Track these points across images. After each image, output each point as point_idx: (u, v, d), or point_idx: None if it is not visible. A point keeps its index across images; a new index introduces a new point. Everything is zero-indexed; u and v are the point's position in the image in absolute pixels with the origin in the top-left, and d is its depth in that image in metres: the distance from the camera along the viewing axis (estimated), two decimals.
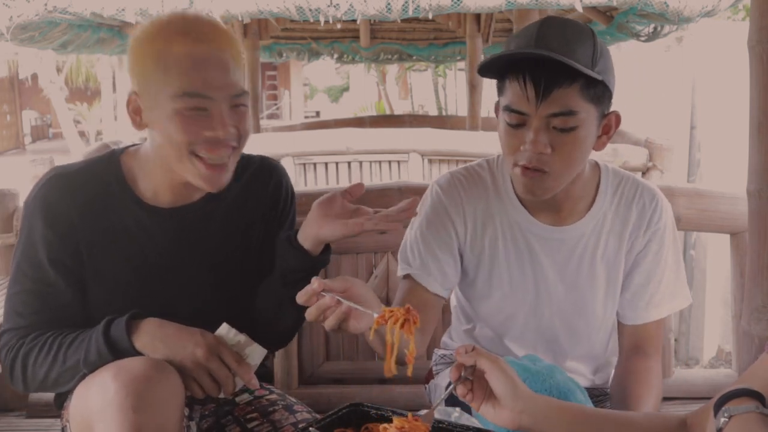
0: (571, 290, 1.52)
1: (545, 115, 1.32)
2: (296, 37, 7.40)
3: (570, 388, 1.25)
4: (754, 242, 1.83)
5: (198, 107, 1.26)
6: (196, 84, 1.25)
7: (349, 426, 1.21)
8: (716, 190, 2.29)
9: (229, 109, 1.29)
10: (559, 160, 1.35)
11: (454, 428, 1.17)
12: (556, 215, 1.49)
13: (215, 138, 1.27)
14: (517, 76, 1.33)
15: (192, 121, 1.26)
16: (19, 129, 22.23)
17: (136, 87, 1.31)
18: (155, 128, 1.31)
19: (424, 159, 5.02)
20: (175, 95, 1.25)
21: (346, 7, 3.32)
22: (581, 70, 1.28)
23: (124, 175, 1.40)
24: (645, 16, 3.89)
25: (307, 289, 1.20)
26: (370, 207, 2.22)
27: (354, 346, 2.21)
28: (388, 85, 19.04)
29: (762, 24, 1.75)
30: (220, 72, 1.27)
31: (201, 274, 1.44)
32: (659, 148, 4.09)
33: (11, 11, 3.44)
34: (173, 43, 1.25)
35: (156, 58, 1.26)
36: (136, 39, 1.30)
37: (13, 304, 1.36)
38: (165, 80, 1.25)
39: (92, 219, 1.37)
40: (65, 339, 1.32)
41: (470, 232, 1.52)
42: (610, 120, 1.41)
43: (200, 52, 1.26)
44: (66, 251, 1.36)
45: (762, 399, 1.01)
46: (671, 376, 2.30)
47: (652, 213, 1.50)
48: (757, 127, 1.78)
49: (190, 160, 1.29)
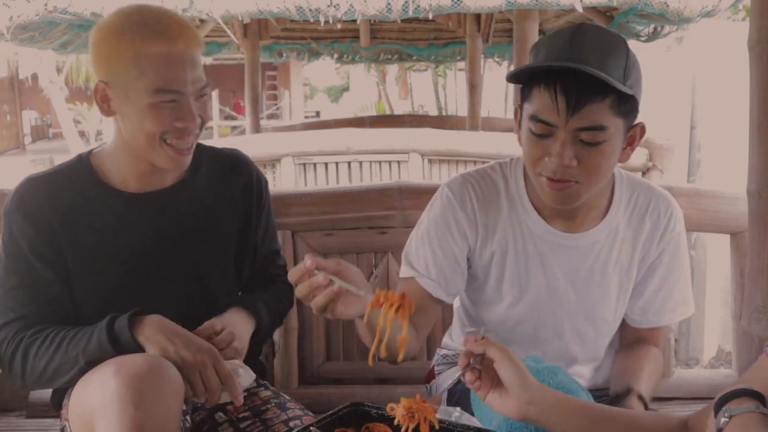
0: (582, 297, 1.50)
1: (574, 129, 1.29)
2: (296, 37, 7.40)
3: (573, 389, 1.25)
4: (754, 242, 1.83)
5: (170, 100, 1.37)
6: (169, 81, 1.36)
7: (349, 426, 1.21)
8: (716, 190, 2.29)
9: (195, 100, 1.41)
10: (585, 174, 1.33)
11: (455, 428, 1.17)
12: (570, 222, 1.47)
13: (184, 127, 1.40)
14: (548, 86, 1.29)
15: (164, 113, 1.38)
16: (19, 129, 22.23)
17: (106, 77, 1.39)
18: (126, 117, 1.41)
19: (424, 159, 5.02)
20: (150, 90, 1.35)
21: (346, 7, 3.32)
22: (616, 86, 1.25)
23: (96, 171, 1.49)
24: (645, 16, 3.89)
25: (299, 266, 1.20)
26: (370, 207, 2.23)
27: (354, 346, 2.21)
28: (388, 85, 19.03)
29: (762, 24, 1.75)
30: (189, 69, 1.39)
31: (180, 259, 1.51)
32: (659, 148, 4.10)
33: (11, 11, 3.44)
34: (149, 43, 1.35)
35: (132, 55, 1.35)
36: (108, 32, 1.38)
37: (6, 301, 1.41)
38: (140, 76, 1.35)
39: (71, 217, 1.44)
40: (68, 333, 1.35)
41: (480, 238, 1.50)
42: (635, 132, 1.38)
43: (173, 52, 1.37)
44: (48, 247, 1.42)
45: (762, 399, 1.01)
46: (671, 376, 2.29)
47: (667, 222, 1.49)
48: (757, 127, 1.78)
49: (160, 147, 1.40)
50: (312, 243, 2.15)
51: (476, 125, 6.38)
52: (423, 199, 2.20)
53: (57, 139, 20.94)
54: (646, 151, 4.11)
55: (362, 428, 1.21)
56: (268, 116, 19.71)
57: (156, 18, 1.39)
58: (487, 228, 1.49)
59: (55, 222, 1.43)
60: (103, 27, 1.40)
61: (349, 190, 2.32)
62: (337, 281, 1.19)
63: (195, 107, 1.40)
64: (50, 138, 23.52)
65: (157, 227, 1.49)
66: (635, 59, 1.34)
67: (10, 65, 18.38)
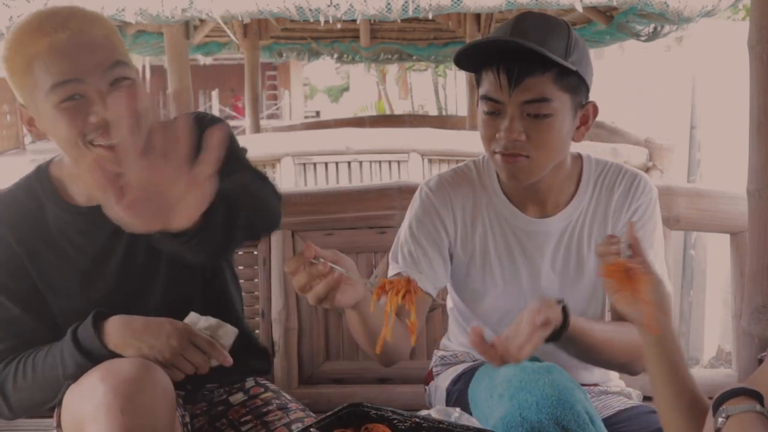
0: (563, 281, 1.53)
1: (519, 103, 1.37)
2: (296, 37, 7.39)
3: (568, 387, 1.25)
4: (754, 242, 1.82)
5: (73, 94, 1.22)
6: (61, 72, 1.21)
7: (348, 426, 1.21)
8: (716, 190, 2.29)
9: (109, 88, 1.24)
10: (535, 147, 1.39)
11: (454, 428, 1.17)
12: (541, 207, 1.52)
13: (102, 120, 1.21)
14: (492, 67, 1.38)
15: (72, 111, 1.22)
16: (19, 129, 22.19)
17: (21, 99, 1.29)
18: (50, 132, 1.29)
19: (424, 159, 5.01)
20: (48, 91, 1.22)
21: (346, 7, 3.32)
22: (553, 59, 1.31)
23: (54, 186, 1.39)
24: (645, 16, 3.89)
25: (297, 255, 1.19)
26: (370, 207, 2.23)
27: (354, 346, 2.21)
28: (388, 85, 19.03)
29: (762, 24, 1.75)
30: (88, 53, 1.23)
31: (153, 262, 1.42)
32: (659, 148, 4.09)
33: (11, 11, 3.44)
34: (31, 42, 1.22)
35: (22, 63, 1.23)
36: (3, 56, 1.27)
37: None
38: (35, 81, 1.23)
39: (30, 236, 1.37)
40: (37, 358, 1.30)
41: (460, 231, 1.54)
42: (588, 110, 1.45)
43: (58, 41, 1.22)
44: (11, 275, 1.35)
45: (760, 398, 1.01)
46: None
47: (635, 191, 1.51)
48: (757, 127, 1.77)
49: (88, 150, 1.24)
50: (312, 243, 2.15)
51: (476, 125, 6.37)
52: None
53: None
54: (646, 151, 4.11)
55: (361, 429, 1.21)
56: (268, 116, 19.72)
57: (36, 17, 1.26)
58: (466, 223, 1.54)
59: (12, 241, 1.35)
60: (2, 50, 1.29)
61: (349, 190, 2.33)
62: (337, 268, 1.19)
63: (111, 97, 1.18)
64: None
65: (120, 238, 1.39)
66: (580, 40, 1.41)
67: None
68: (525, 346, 1.22)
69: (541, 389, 1.23)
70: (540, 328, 1.24)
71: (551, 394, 1.23)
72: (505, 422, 1.23)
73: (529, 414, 1.22)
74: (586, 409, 1.24)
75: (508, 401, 1.25)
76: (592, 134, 3.58)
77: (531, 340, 1.23)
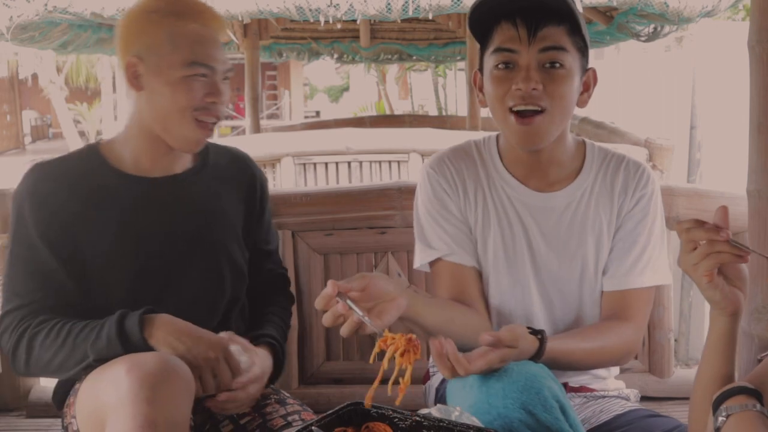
0: (562, 258, 1.52)
1: (536, 51, 1.39)
2: (296, 37, 7.39)
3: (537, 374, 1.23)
4: (754, 242, 1.82)
5: (202, 74, 1.45)
6: (203, 56, 1.45)
7: (349, 425, 1.21)
8: (716, 190, 2.29)
9: (222, 80, 1.49)
10: (550, 99, 1.39)
11: (454, 427, 1.17)
12: (543, 181, 1.52)
13: (213, 102, 1.47)
14: (508, 19, 1.40)
15: (196, 86, 1.45)
16: (19, 129, 22.21)
17: (138, 53, 1.45)
18: (155, 93, 1.46)
19: (424, 159, 5.01)
20: (185, 63, 1.43)
21: (346, 7, 3.32)
22: (571, 8, 1.36)
23: (107, 159, 1.51)
24: (645, 16, 3.89)
25: (323, 294, 1.21)
26: (370, 207, 2.23)
27: (354, 346, 2.21)
28: (388, 85, 19.03)
29: (762, 24, 1.75)
30: (219, 50, 1.49)
31: (196, 244, 1.53)
32: (659, 148, 4.09)
33: (11, 11, 3.44)
34: (184, 22, 1.44)
35: (167, 31, 1.43)
36: (143, 11, 1.47)
37: (12, 286, 1.42)
38: (174, 51, 1.43)
39: (86, 206, 1.46)
40: (74, 326, 1.36)
41: (463, 206, 1.54)
42: (589, 76, 1.48)
43: (207, 32, 1.47)
44: (60, 236, 1.43)
45: (760, 397, 1.01)
46: (671, 376, 2.29)
47: (639, 178, 1.52)
48: (757, 127, 1.77)
49: (188, 120, 1.45)
50: (312, 243, 2.15)
51: (476, 125, 6.37)
52: None
53: (57, 139, 20.95)
54: (646, 150, 4.11)
55: (362, 428, 1.21)
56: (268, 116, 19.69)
57: (188, 5, 1.49)
58: (467, 195, 1.54)
59: (70, 210, 1.44)
60: (137, 7, 1.48)
61: (349, 190, 2.32)
62: (354, 310, 1.19)
63: (222, 88, 1.48)
64: (50, 138, 23.52)
65: (173, 212, 1.52)
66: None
67: (10, 65, 18.39)
68: (476, 361, 1.21)
69: (509, 376, 1.22)
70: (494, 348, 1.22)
71: (518, 380, 1.21)
72: (474, 409, 1.22)
73: (495, 400, 1.20)
74: (557, 398, 1.21)
75: (477, 389, 1.24)
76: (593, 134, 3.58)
77: (484, 356, 1.22)
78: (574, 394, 1.56)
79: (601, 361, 1.49)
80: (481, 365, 1.22)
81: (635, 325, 1.50)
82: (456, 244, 1.52)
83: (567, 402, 1.24)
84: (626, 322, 1.49)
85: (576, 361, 1.42)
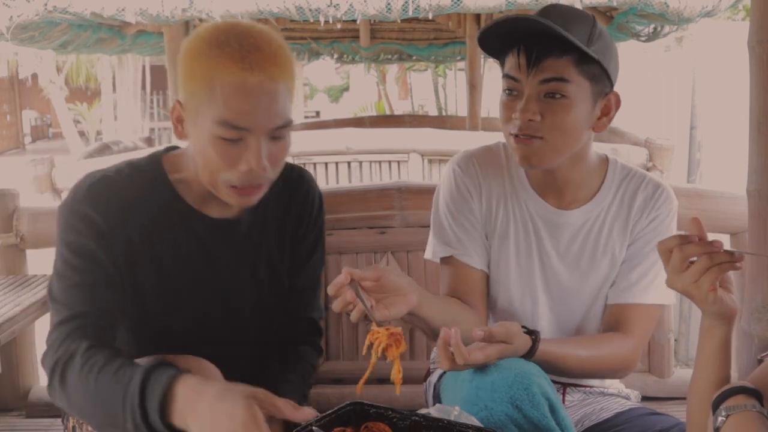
0: (572, 275, 1.52)
1: (536, 82, 1.37)
2: (296, 37, 7.39)
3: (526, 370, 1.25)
4: (754, 242, 1.82)
5: (235, 138, 1.23)
6: (237, 116, 1.21)
7: (349, 424, 1.21)
8: (716, 190, 2.29)
9: (268, 140, 1.25)
10: (549, 129, 1.38)
11: (453, 426, 1.17)
12: (559, 199, 1.51)
13: (248, 170, 1.24)
14: (513, 48, 1.40)
15: (227, 150, 1.23)
16: (19, 129, 22.22)
17: (182, 98, 1.28)
18: (195, 143, 1.29)
19: (424, 159, 5.02)
20: (216, 121, 1.22)
21: (346, 7, 3.32)
22: (572, 41, 1.33)
23: (172, 184, 1.37)
24: (645, 16, 3.89)
25: (335, 281, 1.23)
26: (370, 207, 2.23)
27: (354, 346, 2.21)
28: (388, 85, 19.02)
29: (762, 24, 1.75)
30: (266, 104, 1.22)
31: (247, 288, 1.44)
32: (659, 148, 4.10)
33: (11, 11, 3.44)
34: (224, 68, 1.20)
35: (205, 78, 1.21)
36: (190, 49, 1.25)
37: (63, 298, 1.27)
38: (209, 103, 1.22)
39: (151, 232, 1.34)
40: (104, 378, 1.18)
41: (485, 210, 1.55)
42: (610, 101, 1.44)
43: (248, 83, 1.20)
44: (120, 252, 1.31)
45: (759, 396, 1.01)
46: (671, 376, 2.30)
47: (657, 198, 1.52)
48: (757, 127, 1.77)
49: (222, 184, 1.27)
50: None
51: (476, 125, 6.38)
52: (423, 199, 2.21)
53: (57, 138, 20.93)
54: (646, 151, 4.11)
55: (361, 427, 1.21)
56: None
57: (239, 40, 1.22)
58: (490, 201, 1.54)
59: (134, 231, 1.32)
60: (188, 42, 1.27)
61: (349, 190, 2.33)
62: (361, 299, 1.22)
63: (265, 147, 1.24)
64: (50, 138, 23.51)
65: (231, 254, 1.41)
66: (606, 34, 1.41)
67: (10, 65, 18.39)
68: (475, 352, 1.24)
69: (498, 371, 1.25)
70: (490, 344, 1.26)
71: (507, 375, 1.23)
72: (465, 402, 1.25)
73: (484, 394, 1.23)
74: (546, 395, 1.23)
75: (468, 383, 1.27)
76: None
77: (482, 349, 1.25)
78: (574, 389, 1.57)
79: (594, 371, 1.49)
80: (479, 357, 1.24)
81: (634, 341, 1.49)
82: (470, 245, 1.53)
83: (557, 400, 1.25)
84: (625, 336, 1.49)
85: (569, 367, 1.42)
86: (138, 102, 11.88)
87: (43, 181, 4.11)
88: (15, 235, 2.38)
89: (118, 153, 5.09)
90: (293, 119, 1.28)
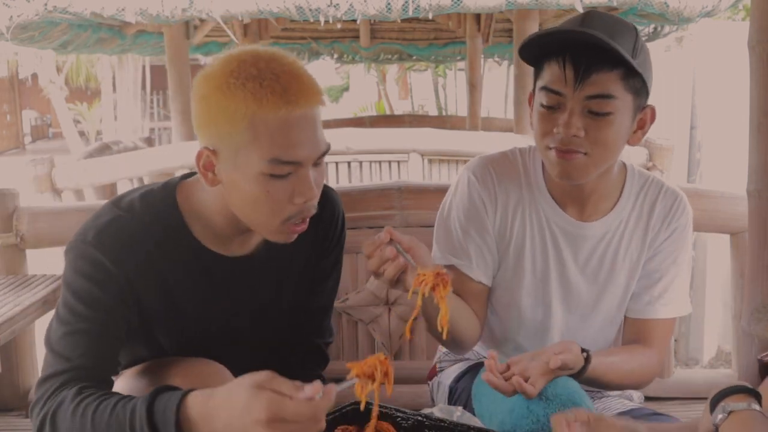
0: (590, 288, 1.51)
1: (582, 98, 1.31)
2: (296, 37, 7.40)
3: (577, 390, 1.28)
4: (754, 242, 1.82)
5: (286, 173, 1.19)
6: (287, 151, 1.17)
7: (352, 423, 1.22)
8: (716, 190, 2.29)
9: (313, 168, 1.22)
10: (593, 145, 1.34)
11: (456, 427, 1.17)
12: (582, 211, 1.49)
13: (303, 203, 1.22)
14: (557, 58, 1.33)
15: (278, 186, 1.19)
16: (19, 129, 22.22)
17: (210, 142, 1.19)
18: (234, 187, 1.21)
19: (424, 159, 5.01)
20: (265, 159, 1.16)
21: (346, 7, 3.32)
22: (623, 56, 1.27)
23: (187, 225, 1.31)
24: (645, 16, 3.89)
25: (375, 238, 1.23)
26: (370, 207, 2.23)
27: (354, 346, 2.21)
28: (388, 85, 19.02)
29: (762, 24, 1.75)
30: (311, 134, 1.19)
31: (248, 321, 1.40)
32: (659, 148, 4.09)
33: (11, 11, 3.44)
34: (266, 106, 1.14)
35: (246, 118, 1.15)
36: (217, 88, 1.16)
37: (61, 346, 1.20)
38: (253, 142, 1.16)
39: (153, 264, 1.28)
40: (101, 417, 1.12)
41: (500, 220, 1.52)
42: (646, 114, 1.40)
43: (294, 117, 1.16)
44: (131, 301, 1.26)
45: (758, 396, 1.01)
46: (671, 376, 2.30)
47: (675, 211, 1.50)
48: (757, 127, 1.78)
49: (276, 222, 1.23)
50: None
51: (476, 125, 6.39)
52: (423, 199, 2.21)
53: (57, 138, 20.94)
54: (646, 151, 4.11)
55: (365, 426, 1.21)
56: None
57: (274, 73, 1.16)
58: (506, 210, 1.51)
59: (145, 275, 1.26)
60: (211, 79, 1.18)
61: (349, 190, 2.32)
62: (403, 255, 1.22)
63: (313, 176, 1.21)
64: (50, 138, 23.52)
65: (245, 291, 1.38)
66: (645, 45, 1.36)
67: (10, 65, 18.38)
68: (538, 383, 1.24)
69: (551, 388, 1.26)
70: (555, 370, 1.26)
71: (561, 393, 1.25)
72: (513, 415, 1.25)
73: (536, 408, 1.24)
74: None
75: (516, 396, 1.25)
76: None
77: (545, 376, 1.26)
78: None
79: (626, 384, 1.49)
80: (542, 385, 1.26)
81: (658, 353, 1.51)
82: (475, 258, 1.51)
83: None
84: (649, 349, 1.50)
85: (607, 381, 1.42)
86: (138, 102, 11.89)
87: (43, 181, 4.10)
88: (15, 234, 2.38)
89: (118, 153, 5.09)
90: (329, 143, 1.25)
